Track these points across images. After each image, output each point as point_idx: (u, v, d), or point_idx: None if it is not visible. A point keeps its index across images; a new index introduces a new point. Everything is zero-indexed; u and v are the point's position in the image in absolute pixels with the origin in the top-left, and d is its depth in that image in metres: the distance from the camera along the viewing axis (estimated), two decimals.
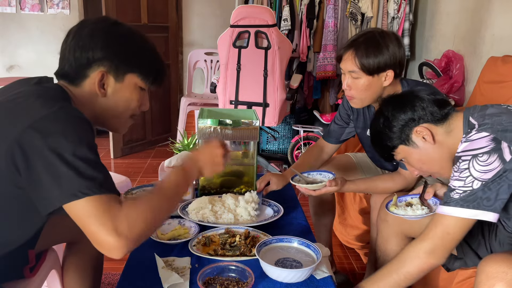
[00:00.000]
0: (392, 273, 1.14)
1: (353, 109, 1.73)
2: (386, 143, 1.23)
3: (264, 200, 1.56)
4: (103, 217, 0.83)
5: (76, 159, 0.84)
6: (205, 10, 4.28)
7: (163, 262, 1.17)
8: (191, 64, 3.99)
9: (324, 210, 1.95)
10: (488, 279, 0.97)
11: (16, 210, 0.96)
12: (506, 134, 1.01)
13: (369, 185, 1.61)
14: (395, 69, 1.47)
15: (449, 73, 2.82)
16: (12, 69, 4.30)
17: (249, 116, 1.66)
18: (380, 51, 1.44)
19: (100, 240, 0.83)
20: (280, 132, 3.90)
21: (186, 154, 1.16)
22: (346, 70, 1.50)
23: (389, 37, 1.46)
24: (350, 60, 1.47)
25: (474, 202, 1.01)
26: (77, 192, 0.83)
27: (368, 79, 1.47)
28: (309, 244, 1.23)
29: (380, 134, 1.24)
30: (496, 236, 1.25)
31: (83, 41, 1.00)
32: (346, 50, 1.49)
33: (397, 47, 1.46)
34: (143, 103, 1.12)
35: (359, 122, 1.74)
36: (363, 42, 1.45)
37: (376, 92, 1.51)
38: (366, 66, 1.44)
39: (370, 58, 1.43)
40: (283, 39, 2.91)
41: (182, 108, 3.77)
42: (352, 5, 3.49)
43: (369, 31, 1.50)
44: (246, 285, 1.06)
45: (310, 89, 3.87)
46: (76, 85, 1.03)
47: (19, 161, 0.86)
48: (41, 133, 0.85)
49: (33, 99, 0.92)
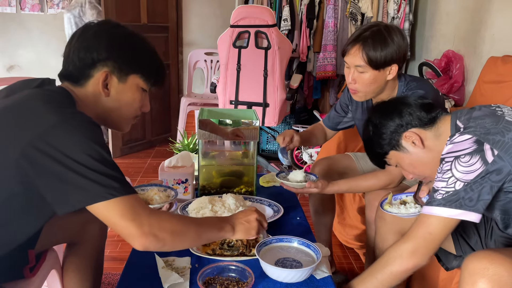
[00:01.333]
0: (377, 273, 1.15)
1: (353, 100, 1.74)
2: (377, 150, 1.26)
3: (264, 200, 1.56)
4: (132, 214, 0.93)
5: (95, 162, 0.89)
6: (205, 10, 4.27)
7: (163, 262, 1.17)
8: (191, 64, 3.99)
9: (324, 210, 1.95)
10: (470, 275, 0.98)
11: (19, 209, 0.97)
12: (489, 136, 1.02)
13: (351, 184, 1.63)
14: (399, 63, 1.49)
15: (449, 73, 2.82)
16: (12, 69, 4.30)
17: (249, 116, 1.66)
18: (387, 45, 1.44)
19: (129, 232, 0.94)
20: (280, 132, 3.90)
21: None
22: (352, 64, 1.50)
23: (394, 31, 1.46)
24: (357, 54, 1.47)
25: (456, 202, 1.02)
26: (105, 194, 0.90)
27: (373, 73, 1.48)
28: (309, 244, 1.23)
29: (371, 142, 1.27)
30: (492, 235, 1.25)
31: (88, 42, 1.03)
32: (353, 44, 1.48)
33: (401, 41, 1.47)
34: (145, 104, 1.15)
35: (358, 113, 1.75)
36: (370, 36, 1.45)
37: (380, 86, 1.52)
38: (373, 60, 1.45)
39: (377, 52, 1.44)
40: (283, 39, 2.91)
41: (182, 108, 3.77)
42: (352, 5, 3.49)
43: (373, 25, 1.50)
44: (246, 285, 1.06)
45: (310, 89, 3.87)
46: (80, 85, 1.05)
47: (30, 169, 0.88)
48: (53, 140, 0.88)
49: (42, 105, 0.94)
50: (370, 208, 1.63)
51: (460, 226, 1.30)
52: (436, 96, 1.53)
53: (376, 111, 1.29)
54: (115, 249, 2.23)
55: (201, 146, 1.60)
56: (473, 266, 0.98)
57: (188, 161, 1.61)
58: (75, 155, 0.88)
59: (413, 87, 1.53)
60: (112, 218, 0.92)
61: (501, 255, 0.97)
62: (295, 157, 3.63)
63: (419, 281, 1.56)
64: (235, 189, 1.63)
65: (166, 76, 1.18)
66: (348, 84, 1.56)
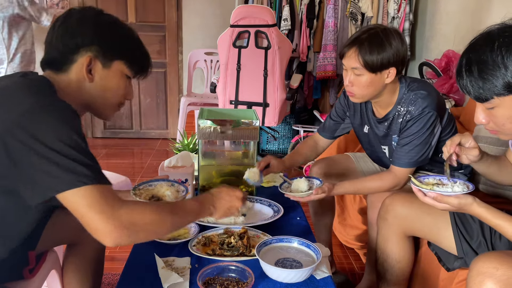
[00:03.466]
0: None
1: (350, 105, 1.73)
2: (499, 82, 0.95)
3: (264, 200, 1.56)
4: (102, 205, 0.86)
5: (69, 149, 0.86)
6: (205, 10, 4.27)
7: (163, 262, 1.17)
8: (191, 64, 3.99)
9: (324, 210, 1.95)
10: (478, 274, 0.97)
11: (11, 204, 0.95)
12: None
13: (357, 186, 1.61)
14: (398, 66, 1.47)
15: (449, 73, 2.82)
16: None
17: (249, 116, 1.66)
18: (384, 49, 1.43)
19: (96, 226, 0.86)
20: (280, 132, 3.89)
21: (213, 191, 1.20)
22: (349, 67, 1.50)
23: (392, 35, 1.45)
24: (353, 57, 1.46)
25: None
26: (75, 182, 0.85)
27: (370, 76, 1.47)
28: (309, 244, 1.23)
29: (501, 66, 0.94)
30: (501, 236, 1.24)
31: (72, 27, 1.02)
32: (349, 47, 1.48)
33: (400, 45, 1.46)
34: (129, 92, 1.14)
35: (356, 118, 1.74)
36: (366, 39, 1.44)
37: (377, 89, 1.51)
38: (369, 63, 1.44)
39: (374, 55, 1.43)
40: (283, 39, 2.91)
41: (182, 108, 3.76)
42: (352, 5, 3.49)
43: (371, 27, 1.49)
44: (246, 285, 1.06)
45: (310, 89, 3.87)
46: (63, 71, 1.04)
47: (5, 157, 0.86)
48: (29, 126, 0.85)
49: (19, 90, 0.93)
50: (372, 209, 1.63)
51: (463, 227, 1.30)
52: (438, 97, 1.53)
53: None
54: (115, 249, 2.22)
55: (201, 146, 1.60)
56: (482, 265, 0.97)
57: (188, 161, 1.61)
58: (48, 141, 0.84)
59: (414, 88, 1.53)
60: (81, 208, 0.85)
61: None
62: None
63: (419, 281, 1.55)
64: None
65: (151, 65, 1.16)
66: (345, 86, 1.56)
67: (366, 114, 1.69)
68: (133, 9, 4.07)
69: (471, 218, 1.31)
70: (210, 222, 1.38)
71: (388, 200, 1.47)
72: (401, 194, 1.47)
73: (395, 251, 1.47)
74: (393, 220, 1.45)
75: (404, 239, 1.47)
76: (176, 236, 1.32)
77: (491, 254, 1.00)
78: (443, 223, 1.34)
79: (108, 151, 4.06)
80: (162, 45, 4.28)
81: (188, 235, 1.33)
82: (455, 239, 1.31)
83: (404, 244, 1.47)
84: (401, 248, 1.47)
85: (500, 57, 0.93)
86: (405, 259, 1.48)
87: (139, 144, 4.33)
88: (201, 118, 1.56)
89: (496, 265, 0.95)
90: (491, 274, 0.95)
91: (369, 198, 1.69)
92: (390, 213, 1.45)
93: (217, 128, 1.54)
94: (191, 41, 4.34)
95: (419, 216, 1.39)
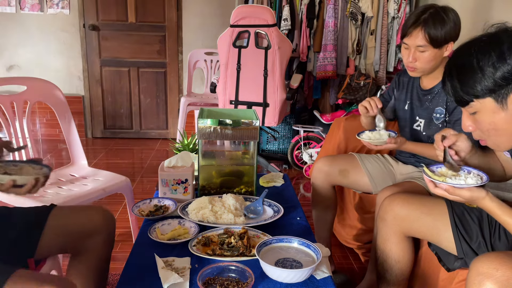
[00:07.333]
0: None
1: (400, 81, 1.88)
2: (475, 85, 0.99)
3: (264, 200, 1.56)
4: None
5: None
6: (205, 10, 4.28)
7: (163, 262, 1.17)
8: (191, 64, 3.99)
9: (324, 206, 1.95)
10: (477, 275, 0.97)
11: None
12: None
13: (424, 150, 1.69)
14: (455, 40, 1.62)
15: None
16: (12, 69, 4.30)
17: (249, 116, 1.66)
18: (446, 24, 1.57)
19: None
20: (280, 132, 3.90)
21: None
22: (413, 45, 1.62)
23: (449, 10, 1.59)
24: (419, 35, 1.59)
25: None
26: None
27: (434, 52, 1.61)
28: (309, 244, 1.23)
29: (477, 69, 0.99)
30: (500, 236, 1.24)
31: None
32: (414, 27, 1.60)
33: (456, 18, 1.60)
34: None
35: (402, 94, 1.86)
36: (430, 17, 1.57)
37: (437, 63, 1.65)
38: (434, 39, 1.58)
39: (438, 31, 1.57)
40: (283, 39, 2.90)
41: (182, 108, 3.77)
42: (352, 5, 3.49)
43: (428, 7, 1.61)
44: (246, 285, 1.06)
45: (310, 89, 3.87)
46: None
47: None
48: None
49: None
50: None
51: (463, 228, 1.30)
52: None
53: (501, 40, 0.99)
54: (115, 249, 2.21)
55: (201, 146, 1.59)
56: (482, 266, 0.97)
57: (188, 161, 1.61)
58: None
59: None
60: None
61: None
62: (295, 157, 3.63)
63: (419, 280, 1.55)
64: (235, 189, 1.63)
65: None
66: (407, 62, 1.67)
67: (412, 89, 1.81)
68: (133, 9, 4.08)
69: (471, 218, 1.31)
70: (210, 222, 1.38)
71: (387, 201, 1.47)
72: (400, 195, 1.47)
73: (394, 252, 1.47)
74: (392, 220, 1.45)
75: (403, 239, 1.47)
76: (176, 236, 1.32)
77: (491, 254, 1.00)
78: (443, 224, 1.34)
79: (108, 151, 4.06)
80: (162, 45, 4.29)
81: (188, 235, 1.33)
82: (455, 240, 1.31)
83: (404, 244, 1.47)
84: (400, 249, 1.47)
85: (476, 61, 1.00)
86: (405, 259, 1.48)
87: (139, 144, 4.34)
88: (201, 118, 1.56)
89: (496, 265, 0.95)
90: (490, 274, 0.95)
91: (378, 196, 1.68)
92: (389, 213, 1.45)
93: (217, 128, 1.54)
94: (191, 41, 4.35)
95: (418, 216, 1.39)
